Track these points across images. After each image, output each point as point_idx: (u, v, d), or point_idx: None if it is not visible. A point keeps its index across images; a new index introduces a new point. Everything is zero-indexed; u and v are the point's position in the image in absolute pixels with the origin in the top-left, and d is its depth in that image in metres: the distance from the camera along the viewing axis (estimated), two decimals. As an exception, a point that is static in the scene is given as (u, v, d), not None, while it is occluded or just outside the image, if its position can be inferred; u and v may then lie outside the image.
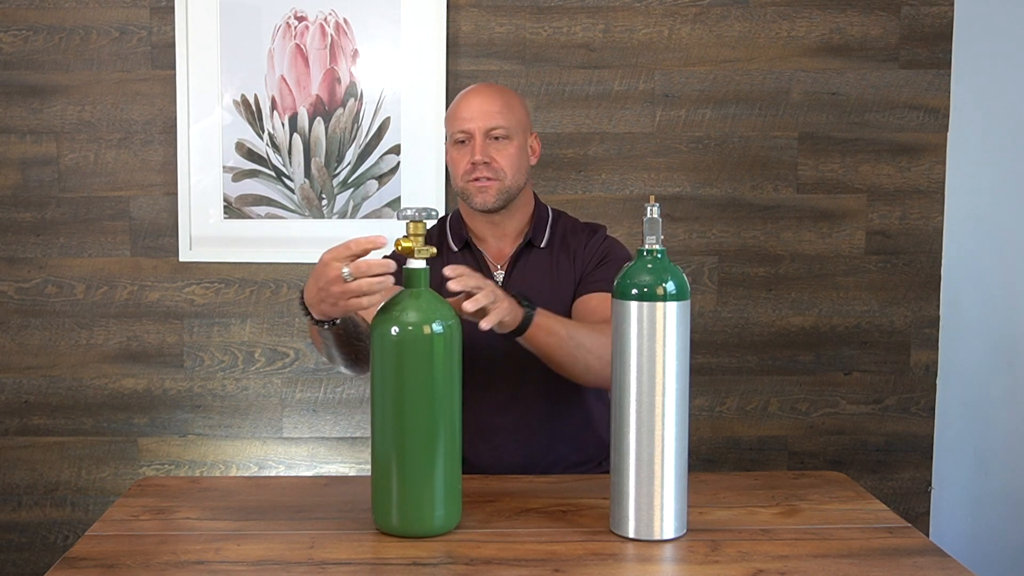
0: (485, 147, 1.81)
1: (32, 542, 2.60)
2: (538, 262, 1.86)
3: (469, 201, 1.84)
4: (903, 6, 2.52)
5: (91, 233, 2.54)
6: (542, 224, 1.89)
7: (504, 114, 1.83)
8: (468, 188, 1.83)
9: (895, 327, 2.59)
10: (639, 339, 1.34)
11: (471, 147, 1.82)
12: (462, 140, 1.83)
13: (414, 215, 1.38)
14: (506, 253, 1.88)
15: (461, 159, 1.83)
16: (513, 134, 1.83)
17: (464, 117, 1.83)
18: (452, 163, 1.86)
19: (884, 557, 1.32)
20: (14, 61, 2.50)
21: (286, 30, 2.49)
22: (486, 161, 1.80)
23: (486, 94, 1.85)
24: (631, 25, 2.51)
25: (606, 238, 1.90)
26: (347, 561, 1.31)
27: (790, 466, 2.61)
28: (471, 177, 1.81)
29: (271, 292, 2.56)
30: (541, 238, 1.88)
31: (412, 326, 1.35)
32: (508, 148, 1.82)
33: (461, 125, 1.83)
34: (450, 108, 1.88)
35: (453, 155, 1.85)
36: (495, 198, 1.82)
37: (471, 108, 1.83)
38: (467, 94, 1.87)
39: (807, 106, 2.54)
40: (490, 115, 1.82)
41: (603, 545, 1.36)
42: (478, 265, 1.86)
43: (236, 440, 2.59)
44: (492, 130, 1.81)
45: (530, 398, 1.83)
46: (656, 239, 1.37)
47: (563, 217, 1.94)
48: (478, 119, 1.81)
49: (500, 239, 1.89)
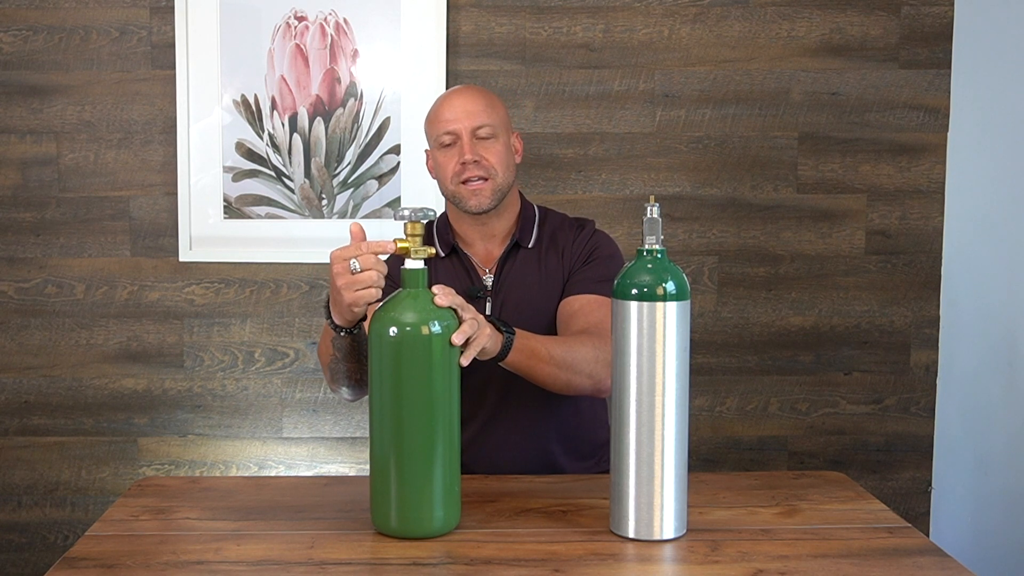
0: (473, 146, 1.79)
1: (32, 542, 2.60)
2: (526, 263, 1.84)
3: (462, 204, 1.81)
4: (903, 6, 2.52)
5: (91, 233, 2.54)
6: (529, 224, 1.87)
7: (488, 112, 1.81)
8: (460, 191, 1.80)
9: (895, 327, 2.59)
10: (639, 339, 1.34)
11: (459, 148, 1.79)
12: (448, 143, 1.80)
13: (411, 215, 1.38)
14: (494, 255, 1.86)
15: (449, 161, 1.80)
16: (498, 132, 1.82)
17: (448, 118, 1.80)
18: (439, 167, 1.83)
19: (884, 557, 1.32)
20: (14, 61, 2.50)
21: (286, 30, 2.49)
22: (476, 160, 1.78)
23: (467, 94, 1.83)
24: (631, 25, 2.51)
25: (594, 233, 1.88)
26: (347, 561, 1.31)
27: (790, 466, 2.61)
28: (462, 179, 1.79)
29: (271, 292, 2.56)
30: (529, 238, 1.86)
31: (410, 327, 1.34)
32: (496, 146, 1.81)
33: (446, 127, 1.80)
34: (431, 113, 1.85)
35: (439, 159, 1.82)
36: (489, 199, 1.80)
37: (454, 109, 1.80)
38: (448, 97, 1.84)
39: (807, 106, 2.54)
40: (475, 114, 1.79)
41: (603, 545, 1.36)
42: (466, 270, 1.84)
43: (236, 440, 2.59)
44: (478, 129, 1.79)
45: (522, 401, 1.81)
46: (656, 239, 1.37)
47: (550, 214, 1.92)
48: (463, 119, 1.79)
49: (488, 241, 1.87)
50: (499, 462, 1.81)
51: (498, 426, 1.83)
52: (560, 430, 1.84)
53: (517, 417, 1.82)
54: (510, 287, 1.82)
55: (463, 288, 1.81)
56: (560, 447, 1.84)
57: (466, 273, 1.84)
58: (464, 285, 1.82)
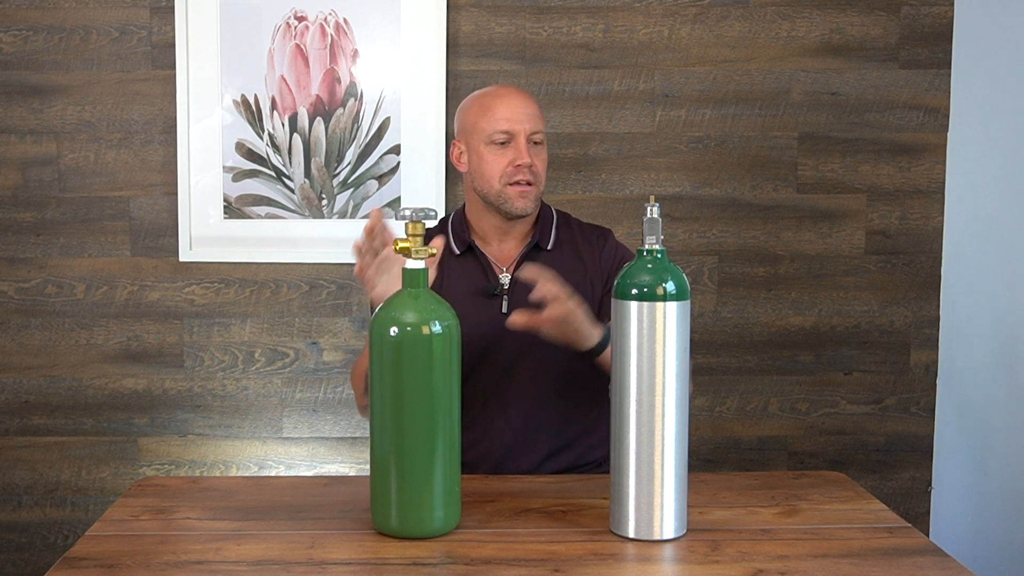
0: (528, 150, 1.78)
1: (32, 542, 2.60)
2: (544, 264, 1.84)
3: (506, 205, 1.80)
4: (903, 6, 2.52)
5: (91, 233, 2.54)
6: (547, 226, 1.88)
7: (541, 118, 1.83)
8: (508, 192, 1.79)
9: (895, 327, 2.59)
10: (639, 339, 1.34)
11: (514, 148, 1.78)
12: (502, 141, 1.79)
13: (412, 215, 1.38)
14: (511, 255, 1.86)
15: (499, 160, 1.79)
16: (545, 140, 1.84)
17: (506, 117, 1.78)
18: (485, 163, 1.80)
19: (884, 557, 1.33)
20: (14, 61, 2.50)
21: (286, 30, 2.49)
22: (530, 165, 1.77)
23: (524, 96, 1.82)
24: (631, 25, 2.51)
25: (618, 244, 1.91)
26: (347, 561, 1.31)
27: (790, 466, 2.61)
28: (513, 179, 1.78)
29: (271, 292, 2.56)
30: (547, 240, 1.86)
31: (411, 326, 1.35)
32: (543, 153, 1.83)
33: (503, 125, 1.78)
34: (480, 106, 1.82)
35: (487, 156, 1.80)
36: (533, 204, 1.81)
37: (514, 109, 1.79)
38: (503, 95, 1.82)
39: (807, 106, 2.54)
40: (533, 118, 1.80)
41: (603, 545, 1.36)
42: (482, 268, 1.85)
43: (236, 440, 2.59)
44: (534, 134, 1.80)
45: (545, 403, 1.83)
46: (656, 239, 1.37)
47: (568, 219, 1.93)
48: (524, 121, 1.78)
49: (506, 241, 1.87)
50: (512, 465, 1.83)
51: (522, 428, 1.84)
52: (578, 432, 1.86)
53: (535, 416, 1.84)
54: (527, 287, 1.82)
55: (479, 286, 1.82)
56: (573, 450, 1.86)
57: (482, 271, 1.84)
58: (480, 283, 1.83)
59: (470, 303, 1.79)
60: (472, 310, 1.77)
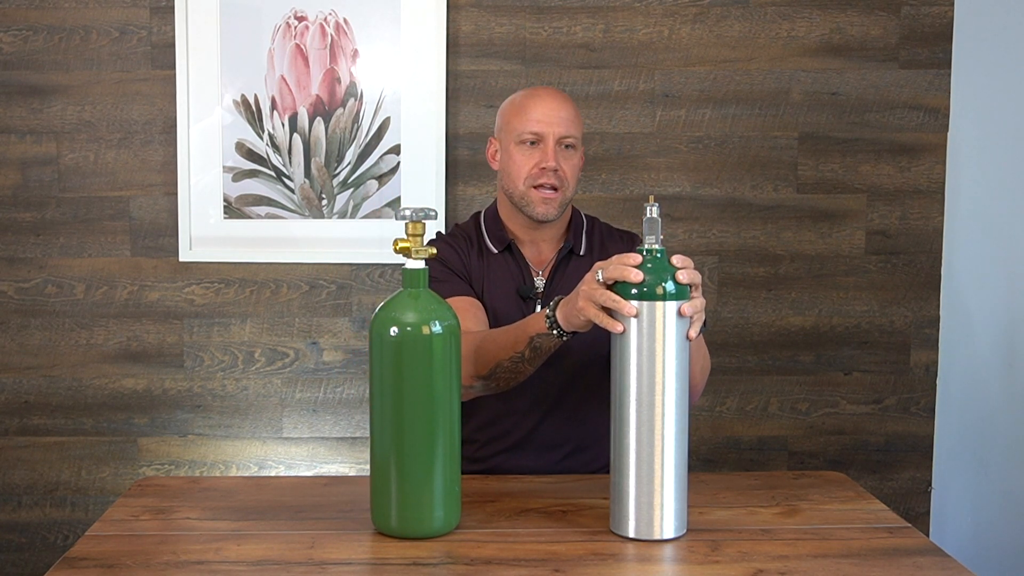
0: (556, 154, 1.77)
1: (32, 542, 2.60)
2: (579, 270, 1.82)
3: (528, 208, 1.79)
4: (903, 6, 2.52)
5: (91, 233, 2.54)
6: (579, 231, 1.87)
7: (575, 123, 1.80)
8: (531, 195, 1.78)
9: (895, 327, 2.59)
10: (639, 339, 1.34)
11: (541, 151, 1.77)
12: (532, 141, 1.78)
13: (412, 215, 1.38)
14: (544, 258, 1.86)
15: (526, 161, 1.78)
16: (578, 145, 1.81)
17: (537, 119, 1.77)
18: (513, 163, 1.79)
19: (884, 557, 1.33)
20: (14, 61, 2.50)
21: (286, 30, 2.49)
22: (555, 168, 1.76)
23: (560, 99, 1.80)
24: (631, 25, 2.51)
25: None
26: (347, 561, 1.31)
27: (790, 466, 2.61)
28: (537, 183, 1.77)
29: (271, 292, 2.56)
30: (580, 245, 1.86)
31: (411, 327, 1.35)
32: (573, 159, 1.80)
33: (533, 126, 1.77)
34: (515, 105, 1.82)
35: (516, 156, 1.79)
36: (556, 210, 1.79)
37: (547, 111, 1.78)
38: (539, 95, 1.81)
39: (807, 106, 2.54)
40: (565, 122, 1.78)
41: (603, 545, 1.36)
42: (520, 269, 1.83)
43: (236, 440, 2.59)
44: (565, 138, 1.78)
45: (570, 405, 1.83)
46: (656, 239, 1.37)
47: (597, 223, 1.93)
48: (555, 124, 1.77)
49: (538, 243, 1.86)
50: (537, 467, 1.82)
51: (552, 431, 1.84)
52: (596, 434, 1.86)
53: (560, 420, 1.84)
54: (563, 292, 1.80)
55: (515, 287, 1.82)
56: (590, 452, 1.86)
57: (520, 272, 1.83)
58: (516, 283, 1.82)
59: (507, 302, 1.80)
60: (509, 309, 1.78)
